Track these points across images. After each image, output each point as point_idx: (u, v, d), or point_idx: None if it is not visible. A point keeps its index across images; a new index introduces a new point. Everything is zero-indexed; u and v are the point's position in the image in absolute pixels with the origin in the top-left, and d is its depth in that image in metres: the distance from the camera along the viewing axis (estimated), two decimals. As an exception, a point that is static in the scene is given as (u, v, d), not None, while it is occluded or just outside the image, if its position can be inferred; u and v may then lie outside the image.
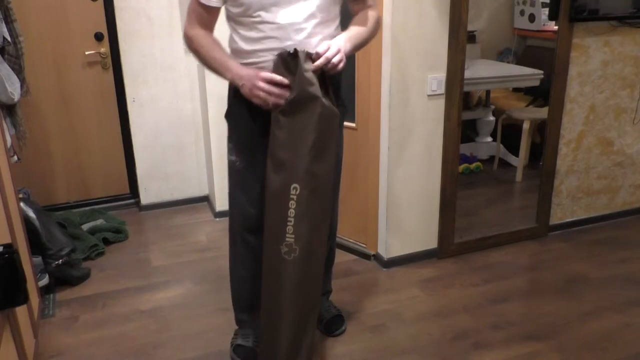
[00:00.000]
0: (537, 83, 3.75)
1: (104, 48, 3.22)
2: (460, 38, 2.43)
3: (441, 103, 2.54)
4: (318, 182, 1.68)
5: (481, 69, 3.78)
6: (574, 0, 2.57)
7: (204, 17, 1.75)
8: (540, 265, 2.74)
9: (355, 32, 1.78)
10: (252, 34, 1.71)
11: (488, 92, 4.07)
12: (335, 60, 1.62)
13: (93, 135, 3.34)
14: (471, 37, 4.18)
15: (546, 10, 3.67)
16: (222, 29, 1.81)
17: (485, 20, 4.47)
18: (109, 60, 3.25)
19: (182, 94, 3.35)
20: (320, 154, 1.66)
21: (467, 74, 2.62)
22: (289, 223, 1.68)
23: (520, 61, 4.39)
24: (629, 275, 2.63)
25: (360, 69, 2.54)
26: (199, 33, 1.76)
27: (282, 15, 1.66)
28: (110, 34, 3.19)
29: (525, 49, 4.49)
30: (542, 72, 3.69)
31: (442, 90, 2.51)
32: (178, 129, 3.40)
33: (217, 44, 1.77)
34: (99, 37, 3.19)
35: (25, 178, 3.12)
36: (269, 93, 1.64)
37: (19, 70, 2.40)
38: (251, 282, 1.97)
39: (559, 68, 2.73)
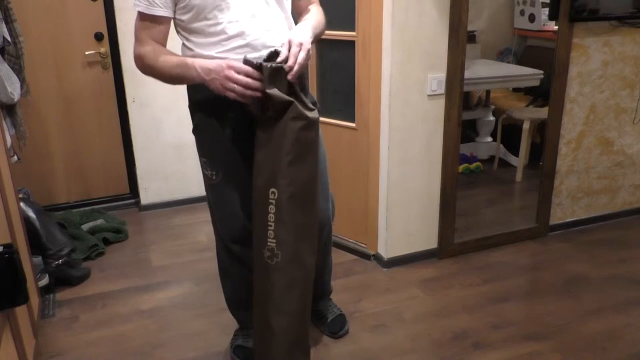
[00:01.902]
0: (537, 83, 3.75)
1: (104, 48, 3.22)
2: (460, 38, 2.43)
3: (441, 103, 2.54)
4: (297, 187, 1.64)
5: (481, 69, 3.78)
6: (574, 0, 2.57)
7: (153, 31, 1.61)
8: (540, 265, 2.74)
9: (313, 21, 1.72)
10: (210, 39, 1.61)
11: (488, 92, 4.07)
12: (302, 59, 1.53)
13: (93, 135, 3.34)
14: (471, 37, 4.18)
15: (546, 10, 3.66)
16: (172, 44, 1.69)
17: (485, 20, 4.47)
18: (109, 60, 3.25)
19: (182, 93, 3.29)
20: (297, 159, 1.62)
21: (467, 74, 2.62)
22: (269, 227, 1.65)
23: (520, 61, 4.39)
24: (629, 275, 2.63)
25: (360, 69, 2.54)
26: (147, 49, 1.62)
27: (238, 12, 1.59)
28: (110, 34, 3.19)
29: (525, 49, 4.49)
30: (542, 72, 3.69)
31: (442, 90, 2.51)
32: (178, 129, 3.39)
33: (171, 52, 1.65)
34: (99, 37, 3.19)
35: (25, 178, 3.11)
36: (244, 85, 1.51)
37: (19, 70, 2.40)
38: (242, 286, 1.95)
39: (559, 68, 2.73)
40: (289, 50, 1.54)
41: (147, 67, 1.66)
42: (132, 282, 2.65)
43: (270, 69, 1.52)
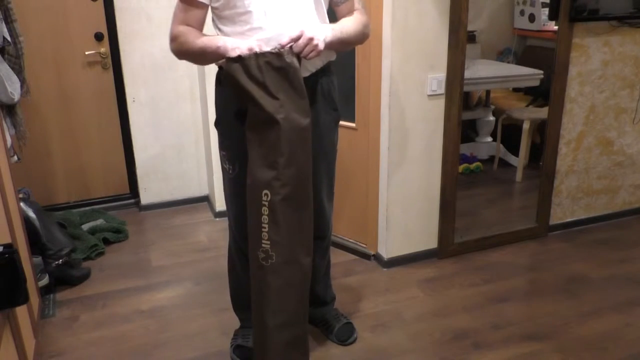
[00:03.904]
0: (537, 83, 3.75)
1: (104, 48, 3.22)
2: (460, 38, 2.43)
3: (441, 103, 2.54)
4: (290, 189, 1.64)
5: (481, 69, 3.77)
6: (574, 0, 2.57)
7: (189, 15, 1.67)
8: (540, 265, 2.74)
9: (341, 24, 1.72)
10: (237, 27, 1.65)
11: (488, 92, 4.07)
12: (304, 54, 1.56)
13: (93, 135, 3.34)
14: (471, 37, 4.18)
15: (546, 10, 3.67)
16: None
17: (485, 20, 4.47)
18: (109, 60, 3.25)
19: (182, 94, 3.35)
20: (290, 161, 1.62)
21: (467, 74, 2.62)
22: (263, 229, 1.66)
23: (520, 61, 4.39)
24: (629, 275, 2.63)
25: (360, 69, 2.54)
26: (182, 29, 1.67)
27: (268, 4, 1.61)
28: (110, 34, 3.19)
29: (525, 49, 4.49)
30: (542, 72, 3.69)
31: (442, 90, 2.51)
32: (178, 129, 3.40)
33: (203, 34, 1.70)
34: (99, 37, 3.19)
35: (25, 178, 3.12)
36: None
37: (19, 70, 2.40)
38: (247, 284, 1.94)
39: (559, 68, 2.73)
40: (296, 40, 1.57)
41: (179, 45, 1.69)
42: (132, 282, 2.65)
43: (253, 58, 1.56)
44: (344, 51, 1.85)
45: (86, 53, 3.19)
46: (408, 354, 2.10)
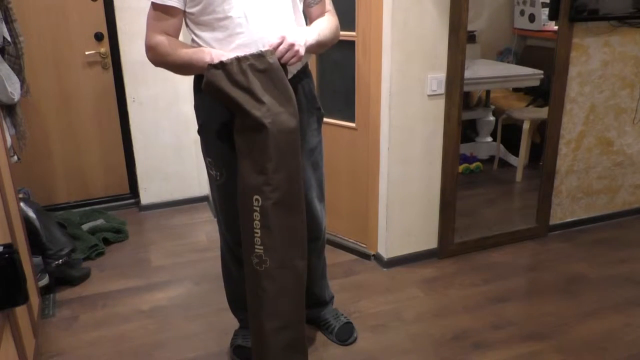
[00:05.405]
0: (537, 83, 3.75)
1: (104, 48, 3.22)
2: (460, 38, 2.43)
3: (441, 103, 2.54)
4: (281, 193, 1.64)
5: (481, 69, 3.78)
6: (574, 0, 2.57)
7: (165, 23, 1.62)
8: (540, 265, 2.74)
9: (318, 27, 1.73)
10: (217, 34, 1.61)
11: (488, 92, 4.07)
12: (285, 60, 1.57)
13: (93, 135, 3.34)
14: (471, 37, 4.18)
15: (546, 10, 3.66)
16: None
17: (485, 20, 4.47)
18: (109, 60, 3.25)
19: (182, 94, 3.35)
20: (279, 165, 1.61)
21: (467, 74, 2.62)
22: (255, 234, 1.66)
23: (520, 61, 4.39)
24: (629, 275, 2.63)
25: (360, 69, 2.54)
26: (160, 38, 1.63)
27: (248, 8, 1.59)
28: (110, 34, 3.20)
29: (525, 49, 4.49)
30: (542, 72, 3.69)
31: (442, 90, 2.51)
32: (178, 129, 3.40)
33: (184, 43, 1.68)
34: (99, 37, 3.19)
35: (25, 178, 3.12)
36: None
37: (19, 70, 2.40)
38: (243, 287, 1.94)
39: (559, 68, 2.73)
40: (278, 46, 1.58)
41: (159, 56, 1.65)
42: (132, 282, 2.65)
43: (237, 64, 1.54)
44: (318, 53, 1.85)
45: (86, 53, 3.19)
46: (408, 354, 2.10)
